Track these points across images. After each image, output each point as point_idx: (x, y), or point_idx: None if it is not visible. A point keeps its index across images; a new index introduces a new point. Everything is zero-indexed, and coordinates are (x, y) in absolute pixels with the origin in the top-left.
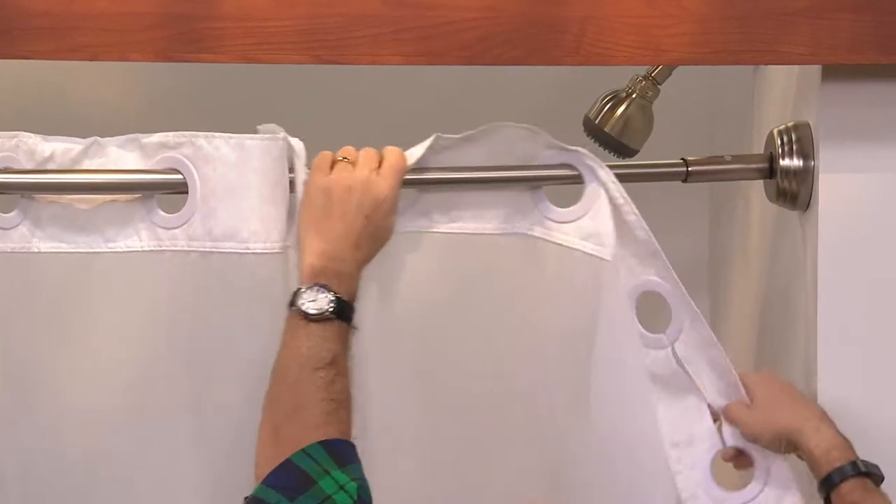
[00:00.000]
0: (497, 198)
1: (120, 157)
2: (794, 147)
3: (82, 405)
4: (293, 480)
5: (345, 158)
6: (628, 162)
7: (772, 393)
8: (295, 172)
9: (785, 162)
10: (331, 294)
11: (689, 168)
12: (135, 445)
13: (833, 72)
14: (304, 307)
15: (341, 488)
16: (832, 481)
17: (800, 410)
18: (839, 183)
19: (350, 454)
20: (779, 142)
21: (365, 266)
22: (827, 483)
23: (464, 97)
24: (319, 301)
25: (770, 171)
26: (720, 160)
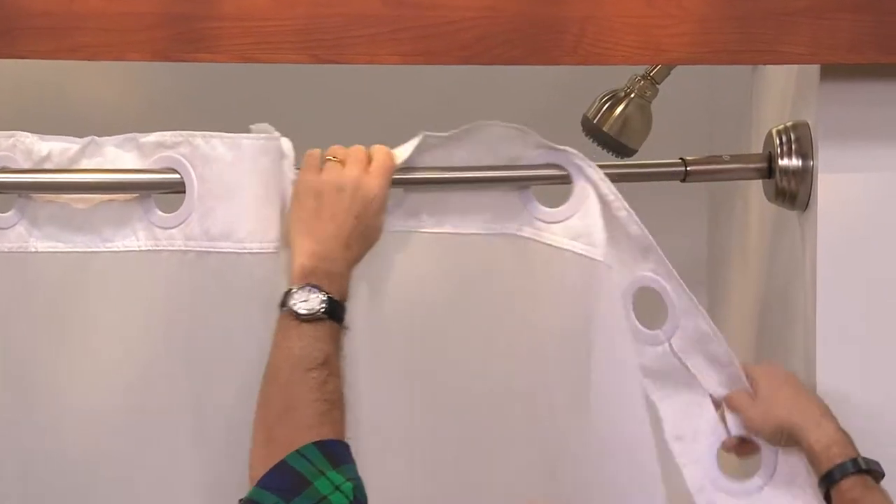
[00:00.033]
0: (485, 198)
1: (117, 157)
2: (793, 147)
3: (81, 405)
4: (288, 482)
5: (333, 158)
6: (627, 161)
7: (774, 385)
8: (283, 172)
9: (784, 162)
10: (322, 294)
11: (688, 168)
12: (133, 445)
13: (832, 71)
14: (296, 307)
15: (337, 489)
16: (832, 478)
17: (801, 405)
18: (838, 183)
19: (345, 454)
20: (777, 141)
21: (355, 266)
22: (827, 479)
23: (463, 97)
24: (311, 301)
25: (769, 171)
26: (719, 160)
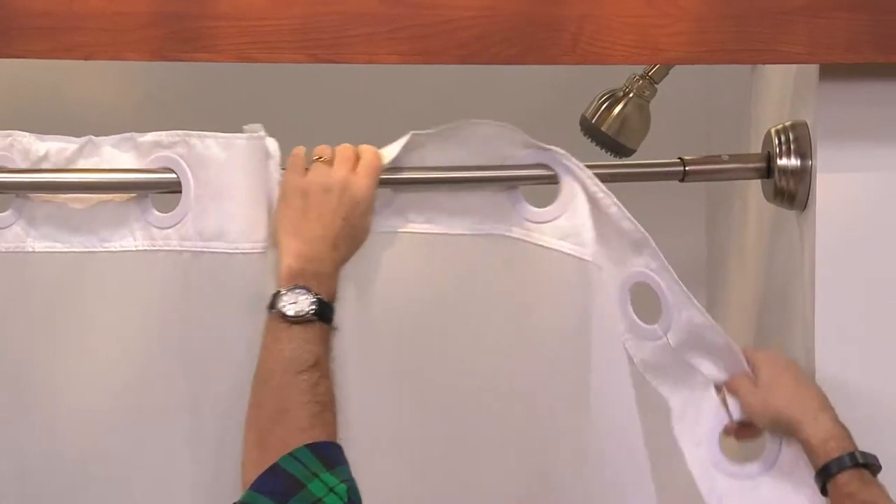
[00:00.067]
0: (473, 198)
1: (115, 157)
2: (792, 146)
3: (77, 404)
4: (282, 484)
5: (320, 158)
6: (625, 161)
7: (774, 374)
8: (269, 173)
9: (782, 161)
10: (311, 295)
11: (687, 167)
12: (129, 444)
13: (830, 71)
14: (285, 309)
15: (331, 490)
16: (829, 471)
17: (800, 397)
18: (837, 182)
19: (338, 456)
20: (776, 141)
21: (343, 266)
22: (824, 473)
23: (461, 96)
24: (300, 303)
25: (767, 171)
26: (717, 160)
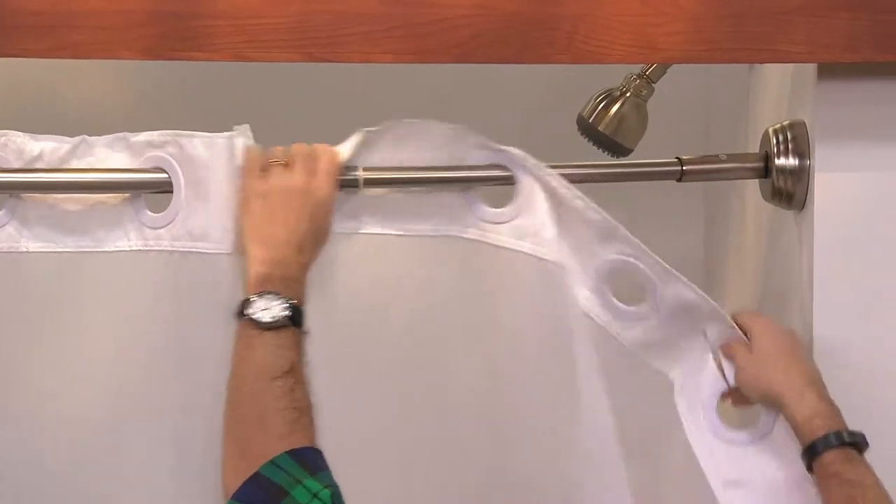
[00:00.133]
0: (429, 199)
1: (108, 156)
2: (790, 146)
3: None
4: (264, 493)
5: (277, 160)
6: (622, 161)
7: (767, 347)
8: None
9: (780, 161)
10: (283, 300)
11: (684, 167)
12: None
13: (828, 70)
14: (257, 316)
15: (315, 496)
16: (814, 450)
17: (787, 374)
18: (835, 182)
19: (319, 461)
20: (774, 140)
21: (309, 269)
22: (809, 452)
23: (457, 96)
24: (272, 309)
25: (765, 171)
26: (715, 159)
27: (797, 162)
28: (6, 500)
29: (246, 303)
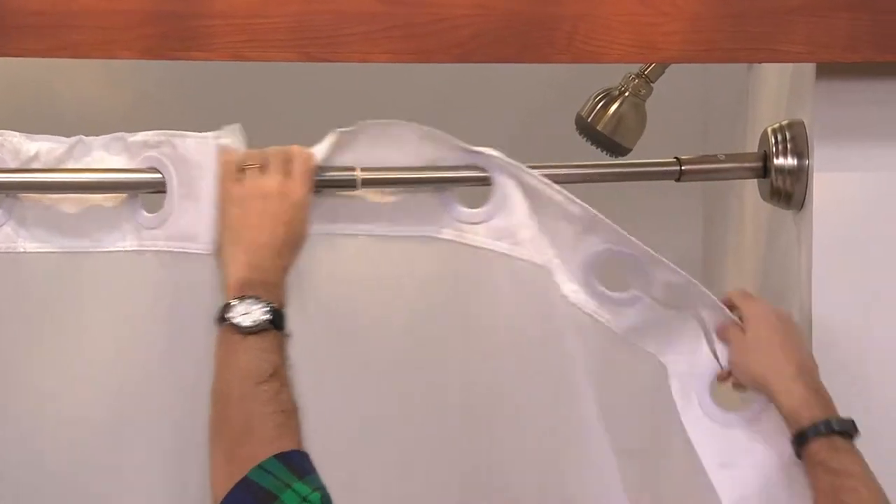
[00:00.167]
0: (405, 200)
1: (105, 157)
2: (789, 146)
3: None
4: (253, 498)
5: (252, 164)
6: (621, 161)
7: (759, 333)
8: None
9: (779, 161)
10: (264, 304)
11: (683, 167)
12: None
13: (827, 70)
14: (239, 320)
15: (304, 500)
16: (801, 440)
17: (777, 361)
18: (834, 182)
19: (307, 464)
20: (773, 140)
21: (288, 272)
22: (797, 441)
23: (456, 95)
24: (253, 313)
25: (764, 170)
26: (714, 159)
27: (796, 162)
28: (6, 500)
29: (227, 308)
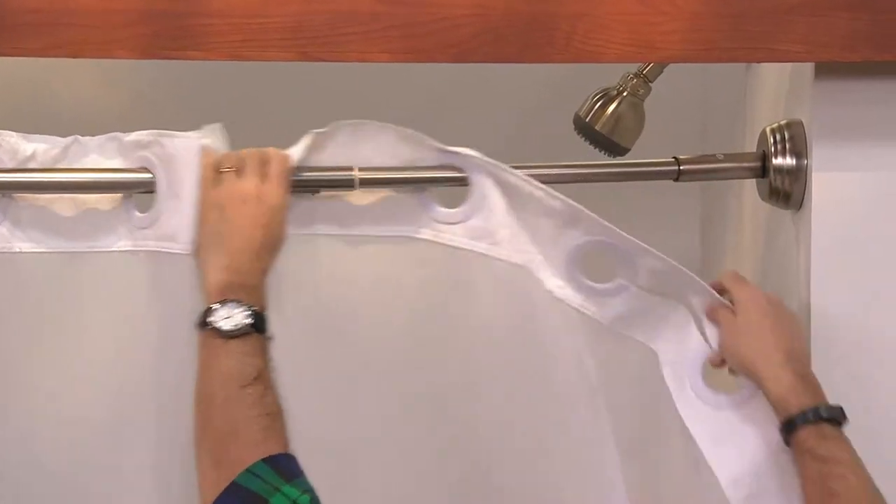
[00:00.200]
0: (384, 200)
1: (101, 156)
2: (787, 145)
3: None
4: (243, 503)
5: (230, 168)
6: (619, 160)
7: (748, 318)
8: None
9: (777, 160)
10: (245, 307)
11: (681, 167)
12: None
13: (826, 69)
14: (220, 325)
15: (294, 503)
16: (789, 428)
17: (765, 348)
18: (832, 182)
19: (295, 467)
20: (771, 140)
21: (268, 275)
22: (784, 429)
23: (454, 95)
24: (235, 317)
25: (762, 170)
26: (712, 159)
27: (794, 161)
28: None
29: (208, 312)
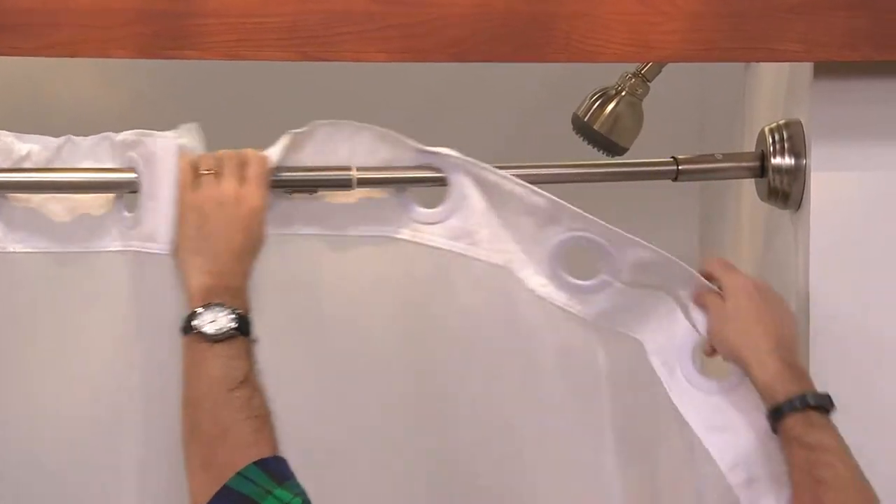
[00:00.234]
0: (363, 201)
1: (93, 156)
2: (786, 145)
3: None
4: None
5: (208, 171)
6: (617, 160)
7: (735, 306)
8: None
9: (776, 160)
10: (229, 310)
11: (680, 166)
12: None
13: (825, 69)
14: (204, 329)
15: None
16: (776, 415)
17: (751, 336)
18: (831, 181)
19: (286, 470)
20: (770, 140)
21: (250, 277)
22: (772, 417)
23: (452, 95)
24: (220, 320)
25: (761, 170)
26: (711, 158)
27: (793, 161)
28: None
29: (192, 316)
